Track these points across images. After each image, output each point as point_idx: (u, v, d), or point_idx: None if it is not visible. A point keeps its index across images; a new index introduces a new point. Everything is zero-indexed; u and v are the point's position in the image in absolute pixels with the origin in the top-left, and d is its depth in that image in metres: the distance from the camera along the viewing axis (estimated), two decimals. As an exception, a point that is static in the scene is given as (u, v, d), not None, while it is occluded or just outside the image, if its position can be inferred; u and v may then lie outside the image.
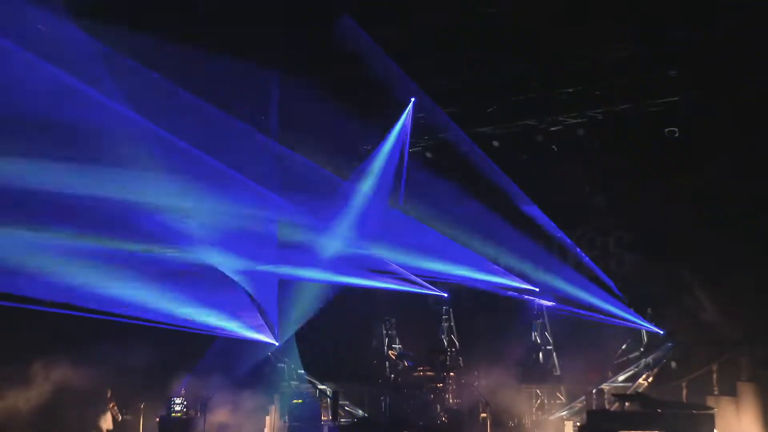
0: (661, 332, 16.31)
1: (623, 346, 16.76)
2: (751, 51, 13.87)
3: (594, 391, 15.42)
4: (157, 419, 16.65)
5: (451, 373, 17.28)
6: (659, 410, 13.17)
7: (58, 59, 12.49)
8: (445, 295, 18.16)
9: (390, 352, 18.18)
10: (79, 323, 15.49)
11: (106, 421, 16.79)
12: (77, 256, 14.60)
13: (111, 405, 16.89)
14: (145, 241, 15.44)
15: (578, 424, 14.92)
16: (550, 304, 17.64)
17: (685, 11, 13.51)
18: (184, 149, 14.66)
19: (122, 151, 14.04)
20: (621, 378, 16.40)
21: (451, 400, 16.95)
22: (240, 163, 15.38)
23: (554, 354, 17.75)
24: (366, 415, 17.50)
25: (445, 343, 18.22)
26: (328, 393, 17.18)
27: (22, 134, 12.69)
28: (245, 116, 15.54)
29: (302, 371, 17.95)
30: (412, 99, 17.05)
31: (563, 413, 16.47)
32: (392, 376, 17.71)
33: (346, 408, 17.70)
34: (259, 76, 15.28)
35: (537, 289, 17.86)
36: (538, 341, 17.81)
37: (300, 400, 16.91)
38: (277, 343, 17.49)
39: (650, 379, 15.98)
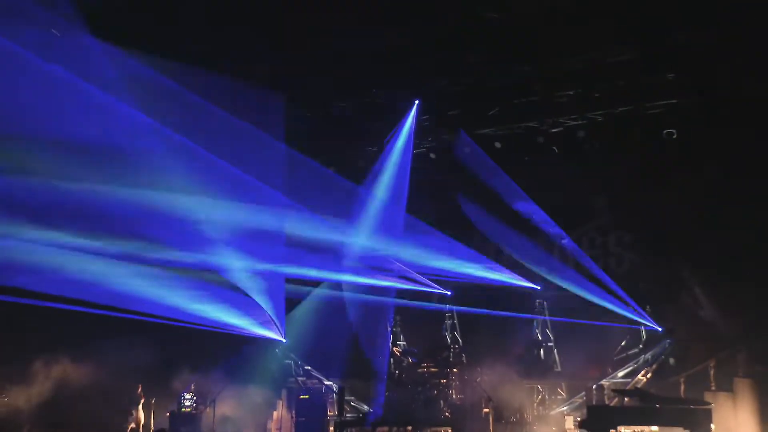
0: (660, 329, 16.45)
1: (622, 343, 16.88)
2: (748, 54, 13.93)
3: (594, 386, 15.57)
4: (168, 414, 16.84)
5: (455, 369, 17.31)
6: (658, 405, 13.35)
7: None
8: (449, 293, 18.32)
9: (395, 348, 18.18)
10: (95, 324, 15.75)
11: (140, 416, 17.01)
12: (95, 255, 14.82)
13: (142, 401, 17.08)
14: (164, 244, 15.62)
15: (578, 418, 14.97)
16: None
17: (682, 15, 13.52)
18: (205, 158, 14.82)
19: (143, 161, 14.22)
20: (620, 374, 16.52)
21: (454, 396, 16.99)
22: (252, 167, 15.49)
23: (555, 350, 17.96)
24: (370, 410, 17.45)
25: (449, 340, 18.36)
26: (333, 388, 17.21)
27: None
28: (254, 120, 15.60)
29: (308, 367, 17.99)
30: (416, 101, 17.11)
31: (564, 408, 16.62)
32: (397, 372, 17.71)
33: (352, 403, 17.77)
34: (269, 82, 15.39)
35: (538, 287, 18.03)
36: (539, 338, 18.00)
37: (306, 396, 16.96)
38: (284, 340, 17.58)
39: (649, 375, 16.08)
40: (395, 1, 13.63)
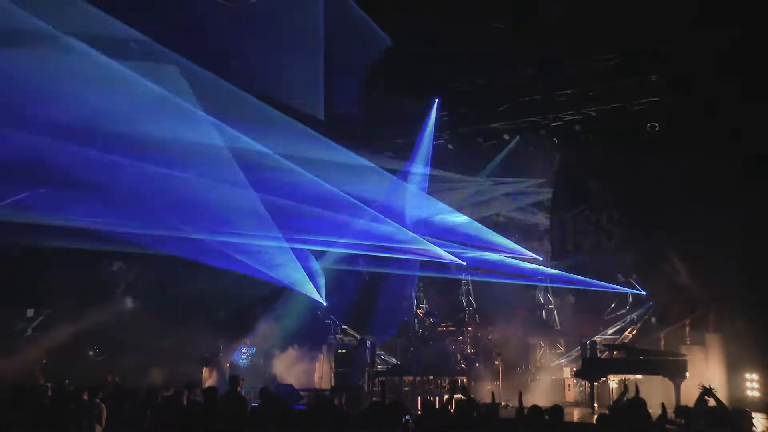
0: (644, 293, 16.80)
1: (612, 306, 17.26)
2: (718, 60, 14.41)
3: (588, 342, 15.74)
4: (228, 364, 17.50)
5: (469, 328, 17.75)
6: (642, 357, 14.06)
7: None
8: (464, 263, 18.53)
9: (418, 310, 18.59)
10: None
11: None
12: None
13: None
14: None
15: (575, 369, 15.67)
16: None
17: (663, 26, 14.00)
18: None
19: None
20: (610, 331, 16.91)
21: (469, 350, 17.42)
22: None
23: (555, 312, 18.48)
24: (398, 362, 17.85)
25: (464, 303, 18.73)
26: (367, 344, 17.35)
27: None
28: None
29: (345, 326, 18.42)
30: (437, 100, 17.52)
31: (562, 360, 17.04)
32: (420, 330, 18.07)
33: (382, 357, 18.15)
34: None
35: (541, 258, 18.41)
36: (542, 301, 18.53)
37: (344, 350, 17.43)
38: (325, 303, 18.13)
39: (634, 332, 16.49)
40: (419, 16, 14.12)
